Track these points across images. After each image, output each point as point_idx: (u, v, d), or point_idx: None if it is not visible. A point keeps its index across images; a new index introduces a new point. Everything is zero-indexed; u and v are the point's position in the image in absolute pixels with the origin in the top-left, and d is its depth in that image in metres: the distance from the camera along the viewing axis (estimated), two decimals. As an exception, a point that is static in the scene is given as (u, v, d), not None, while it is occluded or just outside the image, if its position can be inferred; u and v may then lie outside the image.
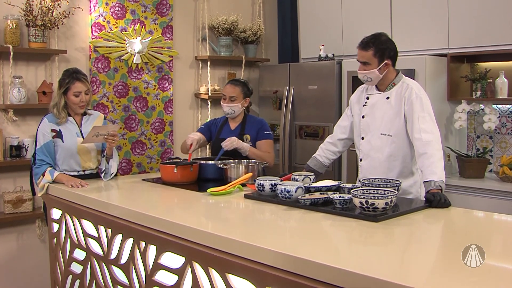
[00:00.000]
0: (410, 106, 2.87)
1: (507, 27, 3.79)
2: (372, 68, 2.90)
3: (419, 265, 1.75)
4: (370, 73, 2.92)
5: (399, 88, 2.95)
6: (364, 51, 2.91)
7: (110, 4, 4.45)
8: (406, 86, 2.94)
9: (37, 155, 3.25)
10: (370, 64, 2.90)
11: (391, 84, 2.98)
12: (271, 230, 2.26)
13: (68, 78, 3.29)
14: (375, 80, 2.95)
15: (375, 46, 2.89)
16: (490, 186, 3.81)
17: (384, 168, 2.98)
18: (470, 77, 4.15)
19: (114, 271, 2.73)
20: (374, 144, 3.01)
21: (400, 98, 2.92)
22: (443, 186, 2.67)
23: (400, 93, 2.93)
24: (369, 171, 3.03)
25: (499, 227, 2.39)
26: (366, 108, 3.06)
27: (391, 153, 2.96)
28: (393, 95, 2.96)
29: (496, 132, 4.23)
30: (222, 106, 3.66)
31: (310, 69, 4.78)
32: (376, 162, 3.01)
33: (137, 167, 4.68)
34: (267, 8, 5.65)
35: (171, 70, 4.85)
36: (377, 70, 2.90)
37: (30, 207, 3.95)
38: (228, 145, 3.42)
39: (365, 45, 2.91)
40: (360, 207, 2.27)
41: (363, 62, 2.92)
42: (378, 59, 2.89)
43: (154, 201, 3.04)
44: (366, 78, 2.96)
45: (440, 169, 2.71)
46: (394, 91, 2.97)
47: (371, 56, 2.89)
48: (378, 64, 2.90)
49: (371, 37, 2.94)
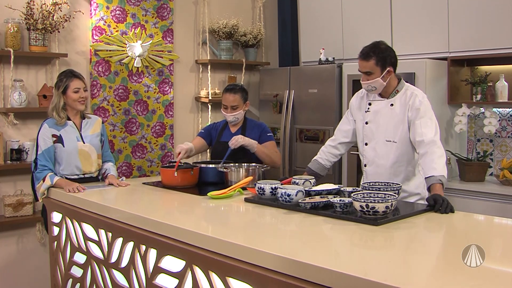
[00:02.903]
0: (414, 113, 2.90)
1: (507, 30, 3.79)
2: (375, 77, 2.91)
3: (419, 268, 1.75)
4: (374, 82, 2.93)
5: (403, 96, 2.98)
6: (366, 61, 2.92)
7: (111, 8, 4.46)
8: (411, 93, 2.96)
9: (39, 160, 3.25)
10: (373, 73, 2.91)
11: (394, 91, 3.00)
12: (272, 234, 2.26)
13: (65, 77, 3.33)
14: (379, 89, 2.97)
15: (376, 55, 2.90)
16: (491, 189, 3.80)
17: (389, 174, 3.00)
18: (470, 81, 4.16)
19: (115, 274, 2.73)
20: (379, 151, 3.03)
21: (405, 105, 2.94)
22: (444, 181, 2.68)
23: (405, 100, 2.95)
24: (374, 177, 3.04)
25: (499, 230, 2.39)
26: (369, 115, 3.08)
27: (396, 159, 2.99)
28: (397, 102, 2.98)
29: (496, 136, 4.24)
30: (225, 116, 3.63)
31: (311, 73, 4.78)
32: (381, 169, 3.03)
33: (137, 170, 4.68)
34: (268, 12, 5.66)
35: (171, 73, 4.86)
36: (381, 79, 2.92)
37: (31, 211, 3.95)
38: (235, 143, 3.40)
39: (366, 55, 2.92)
40: (361, 210, 2.27)
41: (366, 72, 2.93)
42: (381, 68, 2.91)
43: (154, 204, 3.04)
44: (370, 88, 2.97)
45: (441, 165, 2.73)
46: (397, 98, 2.99)
47: (373, 65, 2.90)
48: (381, 73, 2.91)
49: (371, 47, 2.95)
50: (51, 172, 3.26)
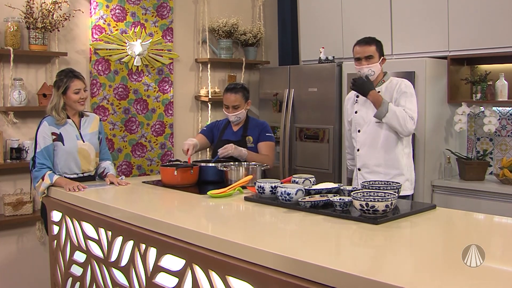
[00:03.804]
0: (399, 93, 3.17)
1: (507, 29, 3.79)
2: (375, 62, 3.19)
3: (419, 268, 1.75)
4: (374, 66, 3.19)
5: (389, 84, 3.25)
6: (368, 46, 3.19)
7: (111, 7, 4.45)
8: (396, 81, 3.24)
9: (37, 158, 3.24)
10: (373, 57, 3.19)
11: (381, 81, 3.26)
12: (272, 233, 2.26)
13: (65, 78, 3.30)
14: (376, 74, 3.21)
15: (376, 42, 3.22)
16: (490, 188, 3.81)
17: (382, 152, 3.21)
18: (470, 80, 4.16)
19: (114, 273, 2.73)
20: (370, 132, 3.25)
21: (391, 90, 3.20)
22: (383, 107, 3.06)
23: (391, 87, 3.21)
24: (368, 157, 3.26)
25: (499, 229, 2.39)
26: (357, 105, 3.33)
27: (385, 137, 3.19)
28: (383, 89, 3.23)
29: (496, 135, 4.24)
30: (228, 116, 3.64)
31: (310, 72, 4.78)
32: (372, 149, 3.24)
33: (137, 169, 4.68)
34: (267, 11, 5.65)
35: (171, 72, 4.86)
36: (379, 64, 3.21)
37: (30, 210, 3.95)
38: (224, 153, 3.41)
39: (369, 40, 3.21)
40: (360, 209, 2.27)
41: (367, 57, 3.19)
42: (379, 54, 3.21)
43: (154, 203, 3.04)
44: (370, 72, 3.19)
45: (396, 112, 3.06)
46: (384, 86, 3.25)
47: (374, 50, 3.19)
48: (379, 59, 3.21)
49: (369, 37, 3.25)
50: (50, 171, 3.25)
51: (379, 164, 3.22)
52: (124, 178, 3.53)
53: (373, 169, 3.24)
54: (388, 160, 3.20)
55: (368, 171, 3.25)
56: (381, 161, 3.22)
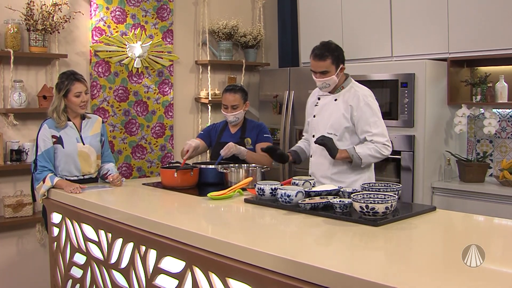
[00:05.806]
0: (360, 114, 3.05)
1: (507, 31, 3.79)
2: (331, 75, 3.08)
3: (419, 269, 1.75)
4: (329, 79, 3.09)
5: (347, 93, 3.14)
6: (322, 61, 3.06)
7: (111, 9, 4.46)
8: (354, 92, 3.12)
9: (39, 161, 3.25)
10: (329, 71, 3.07)
11: (340, 87, 3.16)
12: (272, 235, 2.26)
13: (67, 80, 3.30)
14: (332, 85, 3.14)
15: (331, 54, 3.06)
16: (490, 190, 3.81)
17: (329, 165, 3.14)
18: (470, 82, 4.16)
19: (114, 275, 2.73)
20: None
21: (346, 103, 3.10)
22: (354, 159, 2.99)
23: (347, 99, 3.11)
24: (317, 166, 3.22)
25: (499, 231, 2.39)
26: (317, 108, 3.28)
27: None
28: (340, 98, 3.14)
29: (496, 137, 4.24)
30: (226, 116, 3.66)
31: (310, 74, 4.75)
32: (322, 158, 3.16)
33: (137, 171, 4.68)
34: (267, 13, 5.66)
35: (171, 74, 4.86)
36: (335, 76, 3.09)
37: (31, 211, 3.95)
38: (227, 153, 3.43)
39: (322, 56, 3.06)
40: (360, 211, 2.27)
41: (322, 72, 3.08)
42: (335, 66, 3.08)
43: (154, 205, 3.04)
44: (325, 85, 3.13)
45: (367, 152, 2.99)
46: (341, 94, 3.15)
47: (329, 64, 3.06)
48: (335, 71, 3.08)
49: (322, 47, 3.10)
50: (51, 173, 3.26)
51: (326, 177, 3.15)
52: (124, 180, 3.53)
53: (319, 180, 3.17)
54: (335, 174, 3.12)
55: (316, 180, 3.14)
56: (328, 173, 3.15)
